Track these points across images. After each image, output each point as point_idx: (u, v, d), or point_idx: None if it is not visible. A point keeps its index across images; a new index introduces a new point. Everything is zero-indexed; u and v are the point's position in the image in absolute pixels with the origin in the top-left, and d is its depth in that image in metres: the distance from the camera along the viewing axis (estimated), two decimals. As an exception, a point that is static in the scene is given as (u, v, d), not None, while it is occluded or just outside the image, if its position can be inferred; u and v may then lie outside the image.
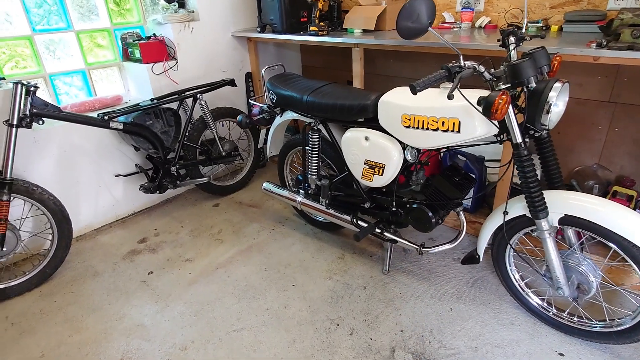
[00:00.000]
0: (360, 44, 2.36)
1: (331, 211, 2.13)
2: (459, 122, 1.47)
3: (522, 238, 1.71)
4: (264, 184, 2.43)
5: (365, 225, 2.00)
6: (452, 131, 1.50)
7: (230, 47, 3.02)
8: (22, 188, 1.97)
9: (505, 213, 1.59)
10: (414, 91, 1.25)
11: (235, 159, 2.88)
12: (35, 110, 1.94)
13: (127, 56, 2.76)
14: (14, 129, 1.87)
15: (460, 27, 2.46)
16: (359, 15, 2.54)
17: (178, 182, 2.61)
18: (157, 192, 2.55)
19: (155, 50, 2.61)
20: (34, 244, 2.35)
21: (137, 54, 2.62)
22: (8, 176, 1.88)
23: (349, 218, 2.05)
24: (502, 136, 1.50)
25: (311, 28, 2.50)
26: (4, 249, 1.94)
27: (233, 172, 3.24)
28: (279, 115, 2.29)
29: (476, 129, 1.45)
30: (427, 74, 2.82)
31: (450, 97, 1.18)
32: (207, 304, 1.95)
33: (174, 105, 2.63)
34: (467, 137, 1.48)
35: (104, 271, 2.22)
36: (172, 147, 2.55)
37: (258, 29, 2.84)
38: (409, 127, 1.62)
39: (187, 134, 2.59)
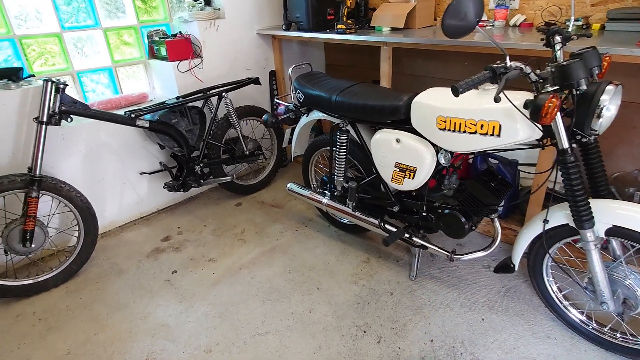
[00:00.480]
0: (389, 42, 2.29)
1: (358, 214, 2.08)
2: (500, 126, 1.40)
3: (562, 247, 1.63)
4: (289, 185, 2.39)
5: (394, 229, 1.94)
6: (492, 135, 1.43)
7: (254, 45, 2.99)
8: (51, 185, 1.98)
9: (546, 222, 1.51)
10: (456, 93, 1.18)
11: (258, 158, 2.85)
12: (64, 108, 1.95)
13: (152, 54, 2.76)
14: (43, 126, 1.88)
15: (494, 25, 2.37)
16: (388, 12, 2.48)
17: (202, 181, 2.60)
18: (181, 190, 2.54)
19: (181, 48, 2.59)
20: (60, 240, 2.37)
21: (163, 52, 2.62)
22: (37, 173, 1.89)
23: (376, 222, 2.00)
24: (544, 141, 1.42)
25: (338, 26, 2.45)
26: (32, 245, 1.95)
27: (255, 171, 3.22)
28: (305, 115, 2.25)
29: (518, 133, 1.38)
30: (458, 73, 2.75)
31: (497, 99, 1.12)
32: (232, 306, 1.92)
33: (199, 104, 2.62)
34: (507, 142, 1.41)
35: (128, 269, 2.22)
36: (197, 146, 2.54)
37: (283, 26, 2.80)
38: (444, 129, 1.55)
39: (211, 132, 2.58)
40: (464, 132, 1.49)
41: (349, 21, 2.46)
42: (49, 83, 1.87)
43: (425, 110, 1.59)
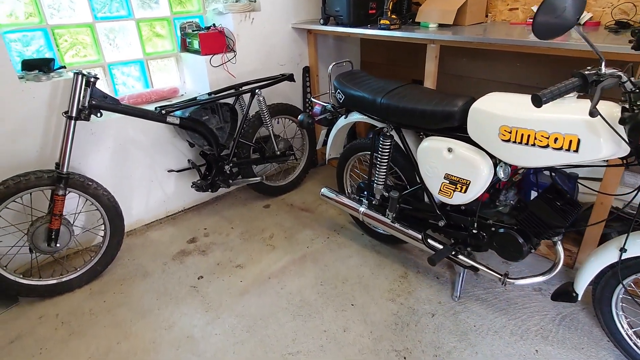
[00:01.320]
0: (437, 40, 2.11)
1: (398, 226, 1.92)
2: (578, 140, 1.22)
3: (637, 279, 1.43)
4: (322, 190, 2.25)
5: (439, 246, 1.78)
6: (567, 150, 1.25)
7: (289, 40, 2.85)
8: (78, 182, 1.90)
9: (623, 250, 1.32)
10: (539, 103, 1.01)
11: (289, 158, 2.72)
12: (94, 102, 1.86)
13: (185, 47, 2.66)
14: (72, 122, 1.80)
15: (554, 23, 2.15)
16: (436, 7, 2.29)
17: (230, 181, 2.49)
18: (209, 190, 2.44)
19: (214, 41, 2.48)
20: (85, 238, 2.31)
21: (196, 45, 2.51)
22: (65, 170, 1.82)
23: (418, 236, 1.84)
24: (629, 159, 1.23)
25: (382, 21, 2.28)
26: (57, 245, 1.88)
27: (284, 171, 3.10)
28: (344, 116, 2.10)
29: (600, 149, 1.19)
30: (508, 75, 2.54)
31: (593, 114, 0.94)
32: (260, 319, 1.81)
33: (230, 100, 2.50)
34: (585, 158, 1.23)
35: (153, 271, 2.14)
36: (227, 144, 2.42)
37: (321, 20, 2.65)
38: (508, 141, 1.37)
39: (242, 130, 2.46)
40: (534, 145, 1.31)
41: (393, 16, 2.29)
42: (80, 76, 1.78)
43: (486, 118, 1.42)
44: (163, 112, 2.09)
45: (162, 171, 2.50)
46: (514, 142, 1.36)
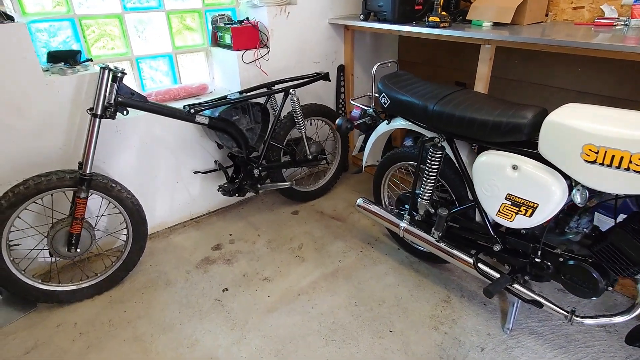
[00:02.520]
0: (493, 40, 1.90)
1: (444, 246, 1.73)
2: (690, 167, 1.01)
3: None
4: (359, 201, 2.08)
5: (493, 273, 1.58)
6: (673, 178, 1.04)
7: (325, 36, 2.67)
8: (101, 184, 1.78)
9: None
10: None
11: (321, 162, 2.56)
12: (120, 99, 1.73)
13: (215, 41, 2.52)
14: (97, 120, 1.68)
15: (628, 24, 1.91)
16: (491, 4, 2.08)
17: (259, 186, 2.34)
18: (237, 195, 2.30)
19: (247, 36, 2.33)
20: (105, 241, 2.20)
21: (228, 39, 2.37)
22: (88, 171, 1.70)
23: (469, 260, 1.65)
24: None
25: (431, 18, 2.08)
26: (78, 250, 1.77)
27: (311, 175, 2.94)
28: (386, 121, 1.92)
29: None
30: (567, 81, 2.29)
31: None
32: (290, 342, 1.65)
33: (262, 100, 2.35)
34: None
35: (176, 280, 2.01)
36: (257, 147, 2.27)
37: (361, 16, 2.46)
38: (593, 162, 1.17)
39: (273, 132, 2.30)
40: (627, 169, 1.11)
41: (444, 13, 2.09)
42: (106, 71, 1.65)
43: (566, 134, 1.22)
44: (192, 111, 1.95)
45: (187, 172, 2.37)
46: (601, 164, 1.16)
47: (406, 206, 1.94)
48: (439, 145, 1.63)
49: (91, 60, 2.04)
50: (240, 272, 2.06)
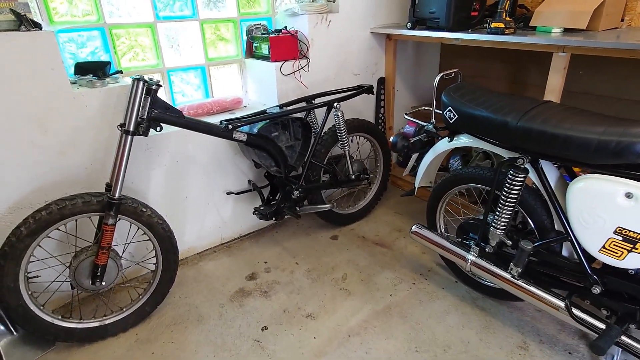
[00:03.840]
0: (571, 46, 1.68)
1: (525, 286, 1.48)
2: None
3: None
4: (414, 227, 1.85)
5: (595, 323, 1.32)
6: None
7: (366, 47, 2.49)
8: (131, 209, 1.59)
9: None
10: None
11: (362, 183, 2.34)
12: (154, 114, 1.55)
13: (250, 52, 2.35)
14: (129, 137, 1.49)
15: None
16: (560, 9, 1.86)
17: (297, 208, 2.13)
18: (274, 219, 2.09)
19: (286, 46, 2.15)
20: (129, 269, 2.01)
21: (265, 50, 2.19)
22: (117, 194, 1.51)
23: (559, 304, 1.39)
24: None
25: (494, 24, 1.87)
26: (103, 283, 1.57)
27: (350, 196, 2.72)
28: (448, 139, 1.69)
29: None
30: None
31: None
32: (345, 397, 1.41)
33: (301, 115, 2.16)
34: None
35: (209, 316, 1.79)
36: (296, 166, 2.07)
37: (408, 24, 2.27)
38: None
39: (314, 150, 2.10)
40: None
41: (508, 18, 1.88)
42: (140, 83, 1.48)
43: None
44: (229, 127, 1.76)
45: (219, 193, 2.18)
46: None
47: (471, 235, 1.70)
48: (521, 167, 1.39)
49: (121, 72, 1.88)
50: (279, 306, 1.83)
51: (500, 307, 1.79)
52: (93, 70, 1.78)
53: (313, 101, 2.11)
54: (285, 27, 2.24)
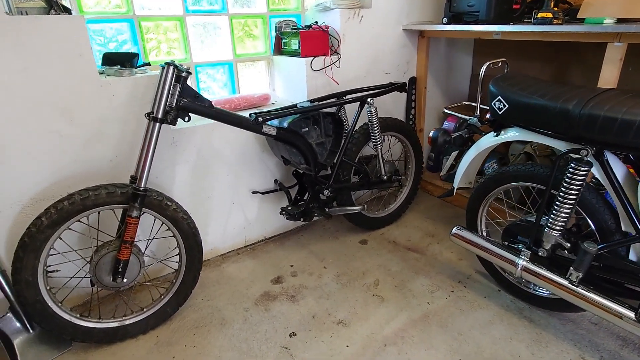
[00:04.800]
0: (626, 33, 1.55)
1: (585, 293, 1.33)
2: None
3: None
4: (454, 229, 1.71)
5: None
6: None
7: (398, 44, 2.40)
8: (155, 202, 1.51)
9: None
10: None
11: (393, 184, 2.22)
12: (183, 103, 1.48)
13: (279, 49, 2.28)
14: (157, 125, 1.42)
15: None
16: (614, -2, 1.73)
17: (327, 210, 2.02)
18: (301, 219, 1.98)
19: (317, 41, 2.08)
20: (151, 268, 1.92)
21: (294, 46, 2.12)
22: (142, 186, 1.43)
23: (629, 314, 1.23)
24: None
25: (540, 14, 1.76)
26: (124, 280, 1.48)
27: (380, 199, 2.60)
28: (494, 133, 1.57)
29: None
30: None
31: None
32: (384, 412, 1.27)
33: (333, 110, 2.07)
34: None
35: (233, 320, 1.68)
36: (327, 163, 1.97)
37: (444, 19, 2.17)
38: None
39: (345, 147, 2.00)
40: None
41: (556, 8, 1.76)
42: (171, 68, 1.41)
43: None
44: (259, 119, 1.68)
45: (245, 192, 2.09)
46: None
47: (520, 238, 1.56)
48: (584, 160, 1.26)
49: (149, 64, 1.82)
50: (308, 312, 1.71)
51: (550, 318, 1.62)
52: (120, 62, 1.73)
53: (347, 97, 2.02)
54: (316, 22, 2.17)
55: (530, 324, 1.60)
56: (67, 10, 1.50)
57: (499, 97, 1.43)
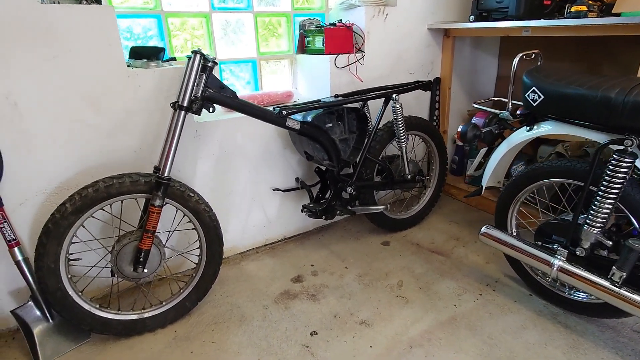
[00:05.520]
0: (671, 27, 1.48)
1: (629, 295, 1.24)
2: None
3: None
4: (483, 229, 1.64)
5: None
6: None
7: (423, 44, 2.36)
8: (178, 192, 1.49)
9: None
10: None
11: (417, 184, 2.16)
12: (208, 93, 1.47)
13: (302, 48, 2.27)
14: (182, 113, 1.41)
15: None
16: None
17: (349, 207, 1.97)
18: (323, 217, 1.94)
19: (341, 38, 2.06)
20: (172, 263, 1.90)
21: (318, 43, 2.11)
22: (166, 174, 1.41)
23: (680, 316, 1.14)
24: None
25: (574, 8, 1.70)
26: (145, 270, 1.46)
27: (401, 202, 2.54)
28: (526, 127, 1.51)
29: None
30: None
31: None
32: (412, 416, 1.20)
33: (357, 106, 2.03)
34: None
35: (252, 317, 1.64)
36: (350, 160, 1.93)
37: (471, 17, 2.13)
38: None
39: (368, 145, 1.96)
40: None
41: (591, 1, 1.71)
42: (198, 56, 1.40)
43: None
44: (284, 112, 1.66)
45: (266, 189, 2.06)
46: None
47: (555, 238, 1.48)
48: (628, 150, 1.19)
49: (174, 59, 1.83)
50: (329, 311, 1.65)
51: (587, 325, 1.53)
52: (147, 56, 1.74)
53: (368, 93, 1.98)
54: (340, 20, 2.16)
55: (566, 330, 1.51)
56: (98, 2, 1.52)
57: (534, 87, 1.38)
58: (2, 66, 1.35)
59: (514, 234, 1.74)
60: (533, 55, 1.59)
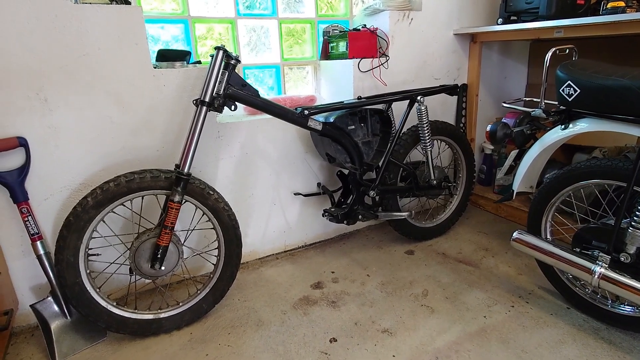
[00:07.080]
0: None
1: (684, 304, 1.12)
2: None
3: None
4: (515, 234, 1.54)
5: None
6: None
7: (448, 49, 2.32)
8: (197, 190, 1.48)
9: None
10: None
11: (443, 191, 2.08)
12: (230, 90, 1.46)
13: (325, 54, 2.27)
14: (204, 108, 1.41)
15: None
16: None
17: (372, 212, 1.91)
18: (345, 222, 1.88)
19: (365, 43, 2.05)
20: (190, 264, 1.87)
21: (341, 48, 2.10)
22: (186, 170, 1.40)
23: None
24: None
25: (611, 4, 1.63)
26: (162, 268, 1.44)
27: (425, 212, 2.45)
28: (561, 126, 1.43)
29: None
30: None
31: None
32: None
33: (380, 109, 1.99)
34: None
35: (269, 322, 1.58)
36: (373, 164, 1.88)
37: (499, 20, 2.08)
38: None
39: (392, 149, 1.91)
40: None
41: (629, -2, 1.63)
42: (221, 52, 1.41)
43: None
44: (305, 112, 1.64)
45: (286, 193, 2.03)
46: None
47: (595, 244, 1.37)
48: (678, 144, 1.09)
49: (200, 62, 1.86)
50: (350, 318, 1.58)
51: (634, 341, 1.39)
52: (174, 59, 1.77)
53: (393, 96, 1.94)
54: (364, 25, 2.15)
55: (610, 346, 1.37)
56: (127, 2, 1.56)
57: (569, 81, 1.30)
58: (35, 62, 1.39)
59: (548, 237, 1.62)
60: (567, 50, 1.51)
